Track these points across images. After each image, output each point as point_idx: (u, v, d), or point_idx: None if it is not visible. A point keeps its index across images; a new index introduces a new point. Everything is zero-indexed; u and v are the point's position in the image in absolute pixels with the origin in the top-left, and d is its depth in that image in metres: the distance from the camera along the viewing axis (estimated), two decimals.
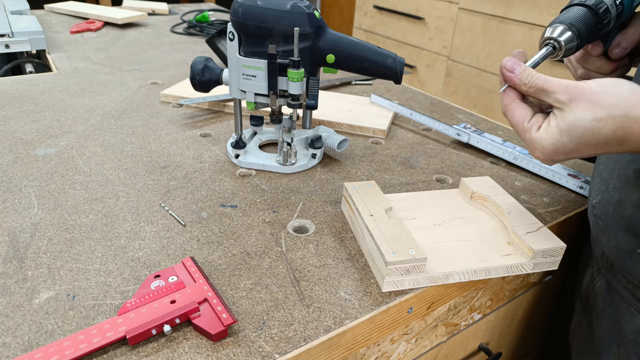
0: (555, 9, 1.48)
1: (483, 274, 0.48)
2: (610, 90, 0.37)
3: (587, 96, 0.37)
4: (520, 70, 0.42)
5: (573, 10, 0.50)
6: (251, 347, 0.39)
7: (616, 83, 0.38)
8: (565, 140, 0.38)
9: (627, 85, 0.37)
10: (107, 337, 0.37)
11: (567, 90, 0.39)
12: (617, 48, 0.53)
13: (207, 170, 0.64)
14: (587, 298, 0.55)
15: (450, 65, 1.89)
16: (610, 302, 0.50)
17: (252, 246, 0.50)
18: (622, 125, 0.36)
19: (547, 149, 0.39)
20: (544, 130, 0.40)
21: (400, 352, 0.51)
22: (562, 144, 0.38)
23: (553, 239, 0.49)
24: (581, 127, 0.37)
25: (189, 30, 1.35)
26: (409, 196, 0.58)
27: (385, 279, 0.44)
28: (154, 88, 0.92)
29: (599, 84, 0.38)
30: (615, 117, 0.36)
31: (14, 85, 0.89)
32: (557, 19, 0.50)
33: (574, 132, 0.38)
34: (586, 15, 0.49)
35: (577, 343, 0.57)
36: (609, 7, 0.50)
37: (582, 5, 0.50)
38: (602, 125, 0.37)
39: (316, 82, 0.60)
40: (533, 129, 0.41)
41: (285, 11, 0.55)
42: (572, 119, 0.38)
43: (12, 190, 0.57)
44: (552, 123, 0.39)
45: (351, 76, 1.05)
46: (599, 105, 0.37)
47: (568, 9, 0.51)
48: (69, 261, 0.46)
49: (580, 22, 0.49)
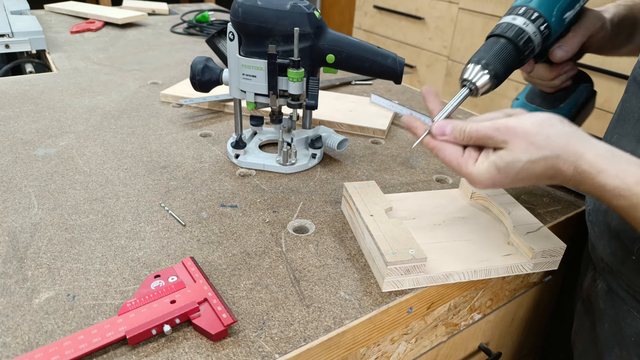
0: None
1: (483, 274, 0.48)
2: (544, 131, 0.40)
3: (523, 137, 0.40)
4: (451, 131, 0.44)
5: (492, 44, 0.49)
6: (251, 347, 0.39)
7: (549, 124, 0.41)
8: (502, 176, 0.41)
9: (559, 126, 0.41)
10: (107, 337, 0.37)
11: (503, 133, 0.41)
12: (559, 51, 0.52)
13: (207, 170, 0.64)
14: (588, 300, 0.55)
15: (450, 65, 1.89)
16: (612, 304, 0.50)
17: (252, 246, 0.50)
18: (553, 165, 0.40)
19: (484, 182, 0.42)
20: (480, 164, 0.42)
21: (400, 352, 0.51)
22: (499, 179, 0.41)
23: (553, 239, 0.49)
24: (517, 167, 0.40)
25: (189, 30, 1.35)
26: (408, 196, 0.58)
27: (386, 279, 0.44)
28: (154, 88, 0.92)
29: (533, 124, 0.41)
30: (547, 158, 0.40)
31: (14, 85, 0.89)
32: (476, 55, 0.49)
33: (510, 171, 0.41)
34: (506, 50, 0.48)
35: (580, 345, 0.57)
36: (531, 36, 0.48)
37: (502, 37, 0.49)
38: (535, 166, 0.40)
39: (316, 82, 0.60)
40: (469, 163, 0.43)
41: (285, 11, 0.55)
42: (510, 159, 0.40)
43: (12, 190, 0.57)
44: (490, 158, 0.42)
45: (351, 76, 1.05)
46: (534, 146, 0.40)
47: (488, 40, 0.50)
48: (69, 261, 0.46)
49: (498, 60, 0.48)
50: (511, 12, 0.50)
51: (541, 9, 0.49)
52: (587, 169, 0.39)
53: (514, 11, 0.50)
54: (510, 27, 0.49)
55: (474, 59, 0.49)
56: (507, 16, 0.50)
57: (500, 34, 0.49)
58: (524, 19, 0.49)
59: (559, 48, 0.53)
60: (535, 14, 0.49)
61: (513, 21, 0.49)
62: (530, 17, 0.49)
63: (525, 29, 0.48)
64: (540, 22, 0.49)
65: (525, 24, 0.48)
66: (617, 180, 0.38)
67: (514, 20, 0.49)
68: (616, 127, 0.51)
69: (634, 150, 0.47)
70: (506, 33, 0.48)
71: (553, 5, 0.49)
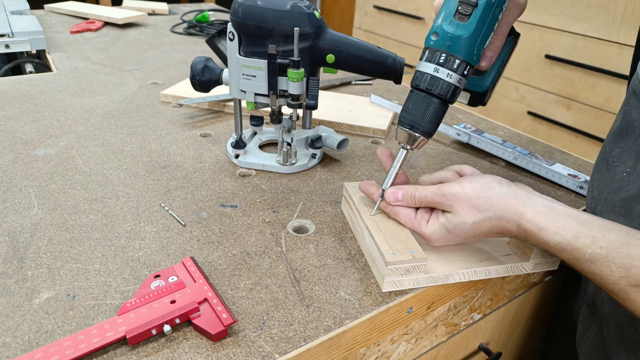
0: (555, 9, 1.48)
1: (483, 274, 0.48)
2: (484, 194, 0.44)
3: (466, 202, 0.44)
4: (402, 197, 0.48)
5: (419, 102, 0.46)
6: (251, 347, 0.39)
7: (488, 187, 0.44)
8: (454, 236, 0.45)
9: (498, 189, 0.44)
10: (107, 337, 0.37)
11: (448, 199, 0.45)
12: (485, 60, 0.49)
13: (207, 170, 0.64)
14: (594, 304, 0.54)
15: None
16: (617, 309, 0.50)
17: (252, 246, 0.50)
18: (497, 224, 0.43)
19: (439, 241, 0.46)
20: (432, 225, 0.46)
21: (400, 352, 0.51)
22: (451, 238, 0.46)
23: None
24: (465, 228, 0.44)
25: (189, 30, 1.35)
26: None
27: (386, 279, 0.44)
28: (154, 88, 0.92)
29: (473, 189, 0.44)
30: (491, 219, 0.43)
31: (14, 85, 0.89)
32: (405, 115, 0.46)
33: (459, 231, 0.45)
34: (434, 107, 0.46)
35: (586, 348, 0.56)
36: (457, 86, 0.45)
37: (429, 94, 0.45)
38: (481, 226, 0.44)
39: (316, 82, 0.60)
40: (422, 224, 0.47)
41: (285, 11, 0.55)
42: (457, 222, 0.44)
43: (12, 190, 0.57)
44: (440, 220, 0.46)
45: (351, 76, 1.05)
46: (477, 209, 0.44)
47: (414, 96, 0.46)
48: (69, 261, 0.46)
49: (428, 119, 0.46)
50: (431, 57, 0.45)
51: (462, 54, 0.44)
52: (529, 227, 0.42)
53: (434, 57, 0.45)
54: (435, 81, 0.45)
55: (405, 121, 0.47)
56: (427, 63, 0.45)
57: (426, 90, 0.45)
58: (447, 71, 0.44)
59: (484, 58, 0.49)
60: (457, 61, 0.44)
61: (436, 73, 0.45)
62: (453, 66, 0.44)
63: (450, 81, 0.45)
64: (463, 67, 0.45)
65: (449, 76, 0.45)
66: (557, 237, 0.40)
67: (437, 73, 0.45)
68: (618, 140, 0.51)
69: (634, 166, 0.48)
70: (432, 90, 0.45)
71: (473, 44, 0.44)
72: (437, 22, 0.45)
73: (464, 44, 0.44)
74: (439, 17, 0.45)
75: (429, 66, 0.45)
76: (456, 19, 0.44)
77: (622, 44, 1.35)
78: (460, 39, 0.44)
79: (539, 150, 0.77)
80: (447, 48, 0.44)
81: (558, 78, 1.53)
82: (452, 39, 0.44)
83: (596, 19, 1.38)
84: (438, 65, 0.45)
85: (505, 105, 1.72)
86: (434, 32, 0.45)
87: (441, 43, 0.45)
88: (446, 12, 0.45)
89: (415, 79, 0.47)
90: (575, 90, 1.49)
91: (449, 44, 0.44)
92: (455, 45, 0.44)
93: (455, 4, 0.44)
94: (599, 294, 0.53)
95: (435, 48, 0.45)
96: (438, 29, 0.45)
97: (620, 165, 0.50)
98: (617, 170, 0.50)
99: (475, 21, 0.44)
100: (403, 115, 0.47)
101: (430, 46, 0.46)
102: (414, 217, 0.48)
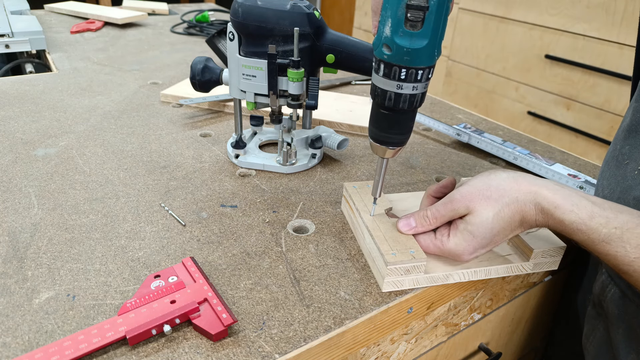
0: (555, 9, 1.48)
1: (483, 274, 0.48)
2: (493, 183, 0.43)
3: (479, 195, 0.43)
4: (415, 222, 0.46)
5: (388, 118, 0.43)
6: (251, 347, 0.39)
7: (494, 175, 0.43)
8: (479, 238, 0.43)
9: (504, 175, 0.43)
10: (107, 337, 0.37)
11: (460, 202, 0.43)
12: None
13: (207, 170, 0.64)
14: (600, 305, 0.54)
15: (450, 65, 1.89)
16: (626, 309, 0.49)
17: (252, 246, 0.50)
18: (516, 209, 0.42)
19: (466, 250, 0.44)
20: (454, 237, 0.44)
21: (400, 352, 0.51)
22: (478, 242, 0.43)
23: (553, 239, 0.49)
24: (487, 224, 0.42)
25: (189, 30, 1.35)
26: (408, 196, 0.58)
27: (386, 279, 0.44)
28: (154, 88, 0.92)
29: (481, 182, 0.43)
30: (509, 205, 0.42)
31: (14, 85, 0.89)
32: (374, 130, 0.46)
33: (484, 231, 0.42)
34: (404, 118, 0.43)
35: (592, 349, 0.56)
36: (423, 92, 0.42)
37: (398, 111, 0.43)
38: (502, 216, 0.42)
39: (316, 82, 0.60)
40: (444, 241, 0.45)
41: (285, 11, 0.55)
42: (478, 220, 0.42)
43: (12, 190, 0.57)
44: (460, 227, 0.44)
45: (351, 76, 1.05)
46: (492, 199, 0.42)
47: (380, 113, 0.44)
48: (69, 261, 0.46)
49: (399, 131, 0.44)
50: (390, 74, 0.40)
51: (423, 63, 0.40)
52: (546, 205, 0.40)
53: (393, 74, 0.40)
54: (400, 98, 0.41)
55: (378, 138, 0.46)
56: (387, 79, 0.41)
57: (393, 109, 0.42)
58: (411, 84, 0.41)
59: None
60: (420, 71, 0.40)
61: (400, 90, 0.41)
62: (416, 78, 0.40)
63: (416, 92, 0.41)
64: (427, 72, 0.40)
65: (414, 89, 0.41)
66: (573, 215, 0.39)
67: (401, 90, 0.41)
68: (627, 137, 0.51)
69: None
70: (400, 107, 0.42)
71: (432, 49, 0.39)
72: (384, 31, 0.39)
73: (424, 54, 0.39)
74: (385, 25, 0.39)
75: (390, 83, 0.41)
76: (408, 28, 0.38)
77: (622, 44, 1.35)
78: (419, 51, 0.38)
79: (539, 150, 0.77)
80: (405, 63, 0.39)
81: (558, 78, 1.53)
82: (409, 53, 0.38)
83: (596, 19, 1.38)
84: (400, 82, 0.40)
85: (505, 105, 1.72)
86: (383, 44, 0.39)
87: (397, 58, 0.39)
88: (393, 20, 0.38)
89: (377, 96, 0.42)
90: (575, 90, 1.49)
91: (407, 59, 0.39)
92: (414, 58, 0.39)
93: (402, 10, 0.37)
94: (606, 294, 0.53)
95: (392, 63, 0.40)
96: (389, 42, 0.39)
97: (631, 163, 0.49)
98: (628, 169, 0.49)
99: (431, 27, 0.37)
100: (374, 132, 0.45)
101: (384, 60, 0.40)
102: (434, 237, 0.46)
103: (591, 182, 0.64)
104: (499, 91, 1.73)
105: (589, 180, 0.65)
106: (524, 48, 1.60)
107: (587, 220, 0.39)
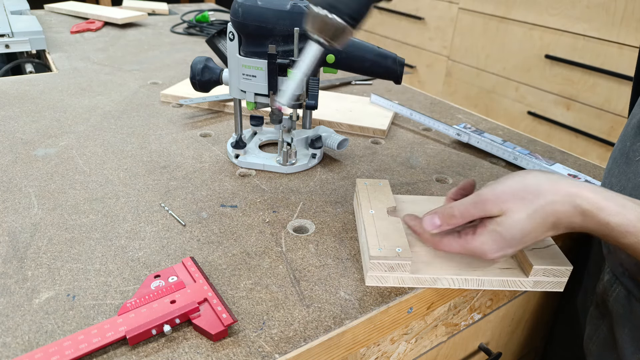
0: (555, 9, 1.48)
1: (475, 283, 0.46)
2: (528, 182, 0.41)
3: (513, 196, 0.40)
4: (441, 219, 0.44)
5: None
6: (251, 347, 0.39)
7: (531, 176, 0.41)
8: (509, 239, 0.41)
9: (541, 175, 0.41)
10: (107, 337, 0.37)
11: (494, 202, 0.41)
12: None
13: (207, 170, 0.64)
14: (604, 305, 0.54)
15: (450, 65, 1.89)
16: (631, 309, 0.49)
17: (252, 246, 0.50)
18: (551, 210, 0.39)
19: (492, 249, 0.42)
20: (480, 235, 0.42)
21: (400, 352, 0.51)
22: (506, 243, 0.41)
23: (559, 258, 0.46)
24: (519, 225, 0.40)
25: (189, 30, 1.35)
26: (421, 200, 0.57)
27: (368, 273, 0.45)
28: (154, 88, 0.92)
29: (516, 182, 0.41)
30: (544, 207, 0.40)
31: (14, 85, 0.89)
32: None
33: (514, 232, 0.41)
34: None
35: (595, 349, 0.56)
36: None
37: None
38: (535, 217, 0.40)
39: (316, 82, 0.60)
40: (469, 239, 0.43)
41: (285, 11, 0.55)
42: (510, 222, 0.40)
43: (12, 190, 0.57)
44: (489, 227, 0.42)
45: (351, 76, 1.05)
46: (526, 200, 0.40)
47: None
48: (69, 261, 0.46)
49: None
50: None
51: None
52: (587, 207, 0.38)
53: None
54: None
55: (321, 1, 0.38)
56: None
57: None
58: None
59: None
60: None
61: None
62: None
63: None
64: None
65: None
66: (619, 217, 0.37)
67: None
68: (638, 134, 0.50)
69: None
70: None
71: None
72: None
73: None
74: None
75: None
76: None
77: (622, 44, 1.35)
78: None
79: (539, 150, 0.77)
80: None
81: (558, 78, 1.53)
82: None
83: (596, 19, 1.38)
84: None
85: (505, 105, 1.72)
86: None
87: None
88: None
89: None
90: (575, 90, 1.49)
91: None
92: None
93: None
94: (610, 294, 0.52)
95: None
96: None
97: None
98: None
99: None
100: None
101: None
102: (459, 237, 0.44)
103: (591, 182, 0.64)
104: (499, 91, 1.73)
105: (589, 180, 0.65)
106: (524, 48, 1.60)
107: (636, 222, 0.37)
